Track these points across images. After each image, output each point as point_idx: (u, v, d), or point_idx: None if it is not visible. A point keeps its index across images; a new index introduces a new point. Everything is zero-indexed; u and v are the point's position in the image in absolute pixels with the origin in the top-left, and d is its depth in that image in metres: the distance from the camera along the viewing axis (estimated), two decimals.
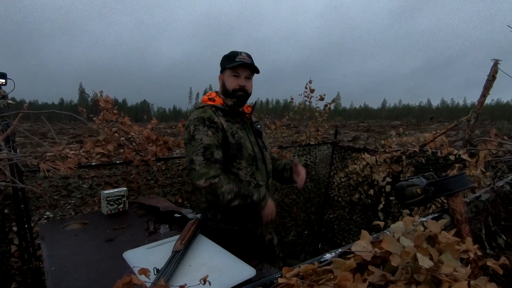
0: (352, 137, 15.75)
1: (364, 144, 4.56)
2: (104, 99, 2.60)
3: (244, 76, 1.42)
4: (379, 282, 0.53)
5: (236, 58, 1.39)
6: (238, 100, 1.42)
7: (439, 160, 2.10)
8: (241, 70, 1.40)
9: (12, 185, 1.60)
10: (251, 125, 1.49)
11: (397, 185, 0.97)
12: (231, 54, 1.42)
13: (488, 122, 19.90)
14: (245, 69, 1.41)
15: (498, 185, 1.08)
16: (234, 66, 1.38)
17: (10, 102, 1.58)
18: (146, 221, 1.42)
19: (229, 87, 1.42)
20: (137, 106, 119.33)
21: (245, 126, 1.46)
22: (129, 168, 2.33)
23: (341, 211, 2.92)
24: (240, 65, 1.38)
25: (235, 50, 1.43)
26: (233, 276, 0.91)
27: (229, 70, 1.40)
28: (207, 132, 1.29)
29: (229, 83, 1.42)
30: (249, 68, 1.42)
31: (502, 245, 1.00)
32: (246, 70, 1.41)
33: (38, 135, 14.43)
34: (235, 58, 1.39)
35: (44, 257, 1.08)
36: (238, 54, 1.41)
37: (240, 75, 1.41)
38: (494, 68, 1.93)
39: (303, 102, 3.91)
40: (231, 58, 1.41)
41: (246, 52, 1.45)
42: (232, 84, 1.41)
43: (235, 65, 1.37)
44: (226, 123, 1.40)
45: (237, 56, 1.40)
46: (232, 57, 1.41)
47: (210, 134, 1.29)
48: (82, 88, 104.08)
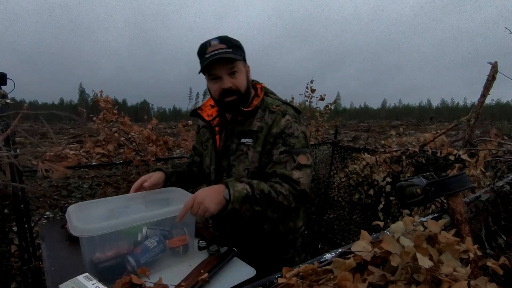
0: (352, 137, 15.76)
1: (364, 144, 4.56)
2: (104, 99, 2.60)
3: (226, 73, 1.05)
4: (379, 282, 0.53)
5: (205, 54, 1.03)
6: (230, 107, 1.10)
7: (439, 160, 2.10)
8: (218, 68, 1.04)
9: (12, 185, 1.60)
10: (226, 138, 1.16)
11: (397, 185, 0.97)
12: (200, 50, 1.07)
13: (488, 122, 19.91)
14: (222, 64, 1.03)
15: (498, 185, 1.07)
16: (205, 68, 1.04)
17: (10, 102, 1.58)
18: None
19: (214, 96, 1.11)
20: (137, 106, 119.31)
21: (212, 139, 1.20)
22: (129, 168, 2.33)
23: (341, 211, 2.92)
24: (211, 62, 1.01)
25: (204, 42, 1.06)
26: (233, 276, 0.91)
27: (206, 74, 1.09)
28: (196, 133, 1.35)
29: (212, 91, 1.10)
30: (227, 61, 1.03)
31: (502, 245, 1.00)
32: (224, 64, 1.03)
33: (38, 135, 14.43)
34: (205, 55, 1.04)
35: (44, 257, 1.08)
36: (206, 47, 1.04)
37: (219, 74, 1.05)
38: (493, 68, 1.93)
39: (304, 102, 3.91)
40: (201, 56, 1.07)
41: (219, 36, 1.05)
42: (215, 92, 1.08)
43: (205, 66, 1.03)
44: (203, 128, 1.29)
45: (206, 51, 1.04)
46: (202, 55, 1.06)
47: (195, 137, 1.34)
48: (82, 88, 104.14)
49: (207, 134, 1.23)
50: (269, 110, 1.11)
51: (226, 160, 1.14)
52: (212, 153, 1.19)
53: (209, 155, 1.21)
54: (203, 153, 1.26)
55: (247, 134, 1.10)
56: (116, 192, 2.26)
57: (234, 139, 1.13)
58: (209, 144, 1.22)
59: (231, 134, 1.14)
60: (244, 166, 1.10)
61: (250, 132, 1.10)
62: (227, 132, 1.15)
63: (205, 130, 1.26)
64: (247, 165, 1.09)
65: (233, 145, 1.12)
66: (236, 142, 1.12)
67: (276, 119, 1.08)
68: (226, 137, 1.15)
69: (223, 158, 1.15)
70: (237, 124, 1.13)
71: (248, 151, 1.09)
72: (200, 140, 1.29)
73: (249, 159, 1.09)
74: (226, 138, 1.15)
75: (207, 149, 1.22)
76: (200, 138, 1.30)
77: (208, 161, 1.21)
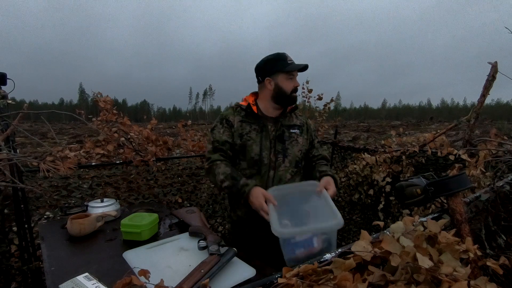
0: (352, 137, 15.77)
1: (364, 144, 4.56)
2: (103, 99, 2.60)
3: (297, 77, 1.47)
4: (379, 282, 0.53)
5: (287, 61, 1.42)
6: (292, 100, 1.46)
7: (439, 160, 2.10)
8: (296, 72, 1.45)
9: (12, 185, 1.60)
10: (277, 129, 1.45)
11: (397, 185, 0.97)
12: (280, 57, 1.44)
13: (488, 122, 19.92)
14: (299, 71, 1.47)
15: (498, 185, 1.07)
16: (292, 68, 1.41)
17: (10, 102, 1.58)
18: None
19: (287, 90, 1.44)
20: (137, 106, 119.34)
21: (263, 129, 1.44)
22: (129, 168, 2.33)
23: (341, 211, 2.91)
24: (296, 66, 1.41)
25: (279, 52, 1.45)
26: (233, 276, 0.91)
27: (284, 74, 1.42)
28: (220, 129, 1.45)
29: (286, 86, 1.44)
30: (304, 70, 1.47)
31: (502, 245, 1.00)
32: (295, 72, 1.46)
33: (38, 135, 14.43)
34: (287, 61, 1.42)
35: (44, 257, 1.08)
36: (286, 56, 1.43)
37: (294, 77, 1.45)
38: (493, 68, 1.93)
39: (302, 102, 3.91)
40: (281, 60, 1.42)
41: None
42: (289, 87, 1.44)
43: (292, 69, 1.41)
44: (240, 123, 1.44)
45: (287, 59, 1.42)
46: (282, 60, 1.42)
47: (221, 132, 1.44)
48: (82, 88, 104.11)
49: (248, 128, 1.44)
50: (295, 114, 1.55)
51: (280, 144, 1.44)
52: (264, 140, 1.43)
53: (258, 143, 1.43)
54: (246, 143, 1.43)
55: (295, 127, 1.50)
56: (116, 192, 2.26)
57: (284, 129, 1.46)
58: (252, 135, 1.43)
59: (281, 126, 1.47)
60: (297, 148, 1.48)
61: (295, 125, 1.51)
62: (279, 124, 1.46)
63: (245, 124, 1.45)
64: (300, 147, 1.48)
65: (286, 133, 1.46)
66: (287, 131, 1.47)
67: (307, 121, 1.58)
68: (279, 128, 1.46)
69: (278, 143, 1.44)
70: (285, 119, 1.49)
71: (298, 138, 1.49)
72: (238, 133, 1.44)
73: (300, 143, 1.49)
74: (278, 129, 1.45)
75: (252, 139, 1.43)
76: (237, 131, 1.44)
77: (257, 149, 1.42)
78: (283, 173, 1.43)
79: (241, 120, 1.45)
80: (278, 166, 1.43)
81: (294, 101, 1.49)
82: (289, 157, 1.45)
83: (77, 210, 1.51)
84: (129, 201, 2.27)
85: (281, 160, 1.43)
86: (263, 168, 1.42)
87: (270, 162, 1.43)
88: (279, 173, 1.43)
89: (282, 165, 1.43)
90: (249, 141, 1.43)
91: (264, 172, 1.42)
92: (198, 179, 2.64)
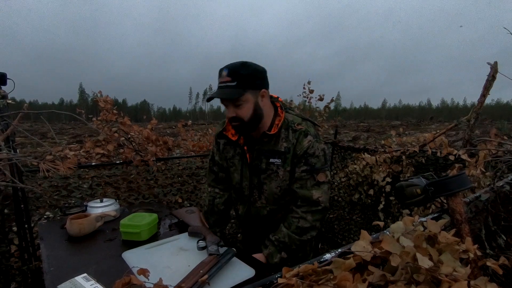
0: (352, 137, 15.77)
1: (364, 144, 4.56)
2: (103, 99, 2.60)
3: (231, 103, 1.10)
4: (379, 282, 0.53)
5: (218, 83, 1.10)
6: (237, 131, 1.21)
7: (439, 160, 2.10)
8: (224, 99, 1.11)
9: (12, 185, 1.60)
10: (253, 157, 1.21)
11: (397, 185, 0.97)
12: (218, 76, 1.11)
13: (488, 122, 19.91)
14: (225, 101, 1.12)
15: (498, 185, 1.07)
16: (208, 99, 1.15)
17: (10, 102, 1.58)
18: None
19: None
20: (137, 106, 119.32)
21: (242, 157, 1.24)
22: (129, 168, 2.33)
23: (341, 211, 2.91)
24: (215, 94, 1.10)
25: (221, 68, 1.11)
26: (233, 276, 0.91)
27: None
28: (214, 148, 1.37)
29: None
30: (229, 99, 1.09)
31: (502, 245, 1.00)
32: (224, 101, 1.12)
33: (38, 135, 14.43)
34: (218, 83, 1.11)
35: (43, 257, 1.08)
36: (220, 75, 1.10)
37: (225, 104, 1.12)
38: (494, 68, 1.93)
39: (303, 102, 3.91)
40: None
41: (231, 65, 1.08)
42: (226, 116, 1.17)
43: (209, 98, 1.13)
44: (224, 146, 1.30)
45: (219, 79, 1.10)
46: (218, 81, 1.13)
47: (215, 151, 1.36)
48: (82, 88, 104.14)
49: (232, 152, 1.27)
50: (291, 129, 1.17)
51: (256, 178, 1.21)
52: (244, 170, 1.24)
53: (238, 172, 1.26)
54: (230, 169, 1.30)
55: (275, 154, 1.17)
56: (116, 192, 2.26)
57: (262, 158, 1.19)
58: (235, 161, 1.26)
59: (259, 154, 1.19)
60: (276, 184, 1.19)
61: (278, 152, 1.17)
62: (254, 152, 1.20)
63: (229, 147, 1.28)
64: (279, 183, 1.19)
65: (263, 164, 1.19)
66: (265, 161, 1.19)
67: (299, 138, 1.15)
68: (255, 156, 1.20)
69: (253, 176, 1.22)
70: (264, 144, 1.19)
71: (278, 170, 1.18)
72: (224, 156, 1.31)
73: (280, 178, 1.18)
74: (254, 158, 1.20)
75: (234, 165, 1.27)
76: (223, 154, 1.31)
77: (238, 178, 1.27)
78: (260, 210, 1.25)
79: (225, 143, 1.29)
80: (254, 202, 1.25)
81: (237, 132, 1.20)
82: (265, 194, 1.22)
83: (77, 210, 1.51)
84: (129, 201, 2.27)
85: (256, 196, 1.24)
86: (245, 198, 1.29)
87: (249, 194, 1.26)
88: (255, 209, 1.27)
89: (259, 201, 1.24)
90: (231, 167, 1.29)
91: (246, 202, 1.29)
92: (198, 179, 2.65)
